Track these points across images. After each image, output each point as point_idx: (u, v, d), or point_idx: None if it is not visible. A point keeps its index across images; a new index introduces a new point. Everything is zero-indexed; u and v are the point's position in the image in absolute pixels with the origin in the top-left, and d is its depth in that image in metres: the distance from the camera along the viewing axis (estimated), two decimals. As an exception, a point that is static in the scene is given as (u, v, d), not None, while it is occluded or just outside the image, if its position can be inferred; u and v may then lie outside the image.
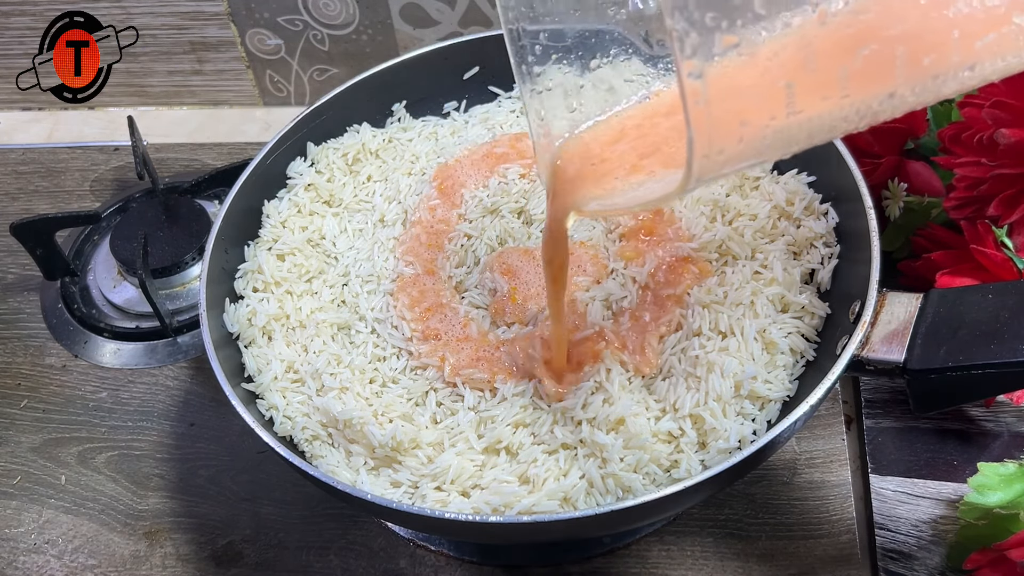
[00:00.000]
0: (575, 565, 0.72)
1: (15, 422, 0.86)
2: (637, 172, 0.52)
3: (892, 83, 0.44)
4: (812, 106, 0.43)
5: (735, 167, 0.45)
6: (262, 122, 1.15)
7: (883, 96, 0.45)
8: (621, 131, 0.55)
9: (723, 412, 0.61)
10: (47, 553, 0.77)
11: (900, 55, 0.43)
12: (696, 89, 0.39)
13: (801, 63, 0.42)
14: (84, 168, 1.09)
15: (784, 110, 0.42)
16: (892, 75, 0.44)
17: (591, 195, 0.54)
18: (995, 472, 0.66)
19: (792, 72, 0.42)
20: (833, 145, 0.70)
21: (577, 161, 0.55)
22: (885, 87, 0.44)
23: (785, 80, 0.42)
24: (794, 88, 0.42)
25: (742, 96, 0.42)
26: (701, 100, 0.39)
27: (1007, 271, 0.70)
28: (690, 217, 0.71)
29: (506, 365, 0.65)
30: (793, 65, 0.42)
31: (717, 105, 0.40)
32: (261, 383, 0.68)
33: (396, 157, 0.82)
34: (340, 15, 1.04)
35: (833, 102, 0.44)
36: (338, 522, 0.76)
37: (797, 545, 0.71)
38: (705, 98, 0.39)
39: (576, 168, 0.55)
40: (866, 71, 0.43)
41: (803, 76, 0.42)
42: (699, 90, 0.39)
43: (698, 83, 0.39)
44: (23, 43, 1.11)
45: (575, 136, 0.57)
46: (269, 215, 0.78)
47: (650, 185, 0.51)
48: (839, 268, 0.69)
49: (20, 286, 0.98)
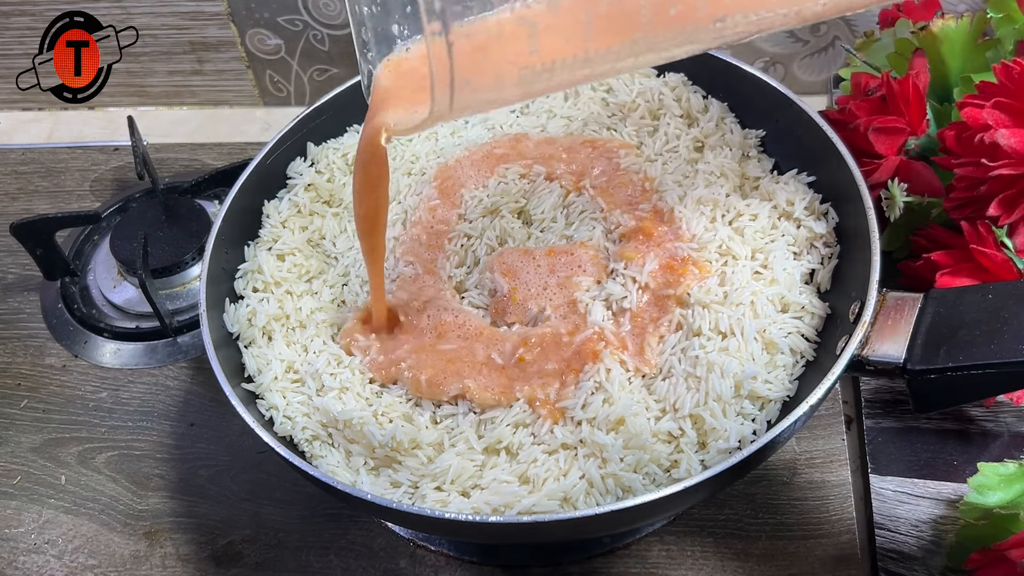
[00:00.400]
0: (575, 565, 0.72)
1: (15, 422, 0.86)
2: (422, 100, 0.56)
3: (638, 32, 0.49)
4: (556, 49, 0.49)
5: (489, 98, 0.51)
6: (262, 122, 1.15)
7: (628, 43, 0.49)
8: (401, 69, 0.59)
9: (723, 412, 0.61)
10: (47, 553, 0.77)
11: (645, 4, 0.47)
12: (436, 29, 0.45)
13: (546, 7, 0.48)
14: (84, 168, 1.09)
15: (527, 48, 0.48)
16: (637, 24, 0.48)
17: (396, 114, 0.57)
18: (995, 472, 0.66)
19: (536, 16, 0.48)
20: (833, 145, 0.70)
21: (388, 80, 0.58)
22: (629, 35, 0.49)
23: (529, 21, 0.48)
24: (537, 28, 0.48)
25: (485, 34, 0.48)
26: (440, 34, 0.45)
27: (1007, 271, 0.70)
28: (690, 217, 0.71)
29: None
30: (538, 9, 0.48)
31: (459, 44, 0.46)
32: (261, 383, 0.68)
33: (396, 157, 0.82)
34: (340, 15, 1.04)
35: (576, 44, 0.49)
36: (338, 522, 0.76)
37: (797, 545, 0.71)
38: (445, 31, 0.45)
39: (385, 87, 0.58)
40: (610, 16, 0.47)
41: (547, 19, 0.48)
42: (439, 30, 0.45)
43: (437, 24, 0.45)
44: (23, 43, 1.11)
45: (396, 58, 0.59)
46: (269, 215, 0.78)
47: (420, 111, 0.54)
48: (839, 268, 0.69)
49: (20, 286, 0.98)
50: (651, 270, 0.68)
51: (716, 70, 0.79)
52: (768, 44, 1.03)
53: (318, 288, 0.74)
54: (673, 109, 0.80)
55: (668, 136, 0.78)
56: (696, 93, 0.81)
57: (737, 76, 0.78)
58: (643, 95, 0.81)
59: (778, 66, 1.05)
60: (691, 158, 0.76)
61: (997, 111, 0.69)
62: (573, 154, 0.78)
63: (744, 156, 0.76)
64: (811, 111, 0.73)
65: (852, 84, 0.85)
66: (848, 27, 1.00)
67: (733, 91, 0.80)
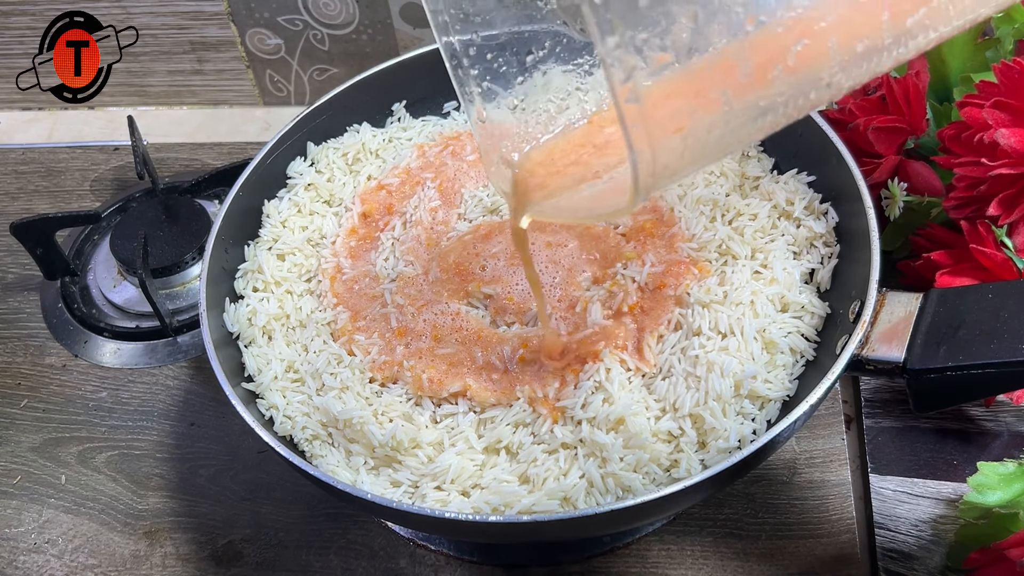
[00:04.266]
0: (575, 565, 0.72)
1: (15, 422, 0.86)
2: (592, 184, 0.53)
3: (828, 73, 0.44)
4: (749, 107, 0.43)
5: (683, 175, 0.44)
6: (262, 122, 1.15)
7: (821, 87, 0.45)
8: (579, 143, 0.56)
9: (723, 412, 0.61)
10: (47, 553, 0.77)
11: (832, 45, 0.43)
12: (633, 112, 0.38)
13: (733, 69, 0.42)
14: (84, 168, 1.09)
15: (723, 118, 0.42)
16: (827, 65, 0.44)
17: (549, 203, 0.54)
18: (995, 472, 0.66)
19: (726, 79, 0.42)
20: (833, 145, 0.70)
21: (540, 170, 0.55)
22: (821, 78, 0.44)
23: (720, 88, 0.42)
24: (730, 95, 0.42)
25: (681, 111, 0.41)
26: (639, 123, 0.39)
27: (1007, 271, 0.70)
28: (690, 217, 0.71)
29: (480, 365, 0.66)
30: (726, 72, 0.42)
31: (655, 124, 0.39)
32: (261, 383, 0.68)
33: (396, 157, 0.82)
34: (340, 15, 1.04)
35: (770, 101, 0.43)
36: (338, 522, 0.76)
37: (797, 545, 0.71)
38: (643, 119, 0.39)
39: (539, 178, 0.55)
40: (799, 67, 0.43)
41: (737, 81, 0.42)
42: (636, 112, 0.39)
43: (635, 106, 0.38)
44: (23, 43, 1.11)
45: (538, 146, 0.57)
46: (269, 215, 0.78)
47: (605, 198, 0.51)
48: (839, 268, 0.69)
49: (20, 286, 0.98)
50: (651, 270, 0.68)
51: (716, 70, 0.79)
52: (768, 44, 1.03)
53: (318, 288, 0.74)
54: (673, 109, 0.80)
55: (668, 136, 0.78)
56: (696, 93, 0.81)
57: (737, 76, 0.78)
58: (643, 95, 0.81)
59: (778, 66, 1.05)
60: (691, 158, 0.76)
61: (997, 111, 0.69)
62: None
63: (744, 156, 0.76)
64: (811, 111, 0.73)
65: (852, 84, 0.85)
66: (848, 27, 1.00)
67: (733, 91, 0.80)
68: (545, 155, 0.56)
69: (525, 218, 0.56)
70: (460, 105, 0.86)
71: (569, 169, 0.54)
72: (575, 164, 0.54)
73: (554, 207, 0.55)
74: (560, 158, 0.55)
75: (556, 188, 0.54)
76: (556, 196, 0.54)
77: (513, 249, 0.70)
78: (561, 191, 0.54)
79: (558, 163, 0.54)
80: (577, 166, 0.54)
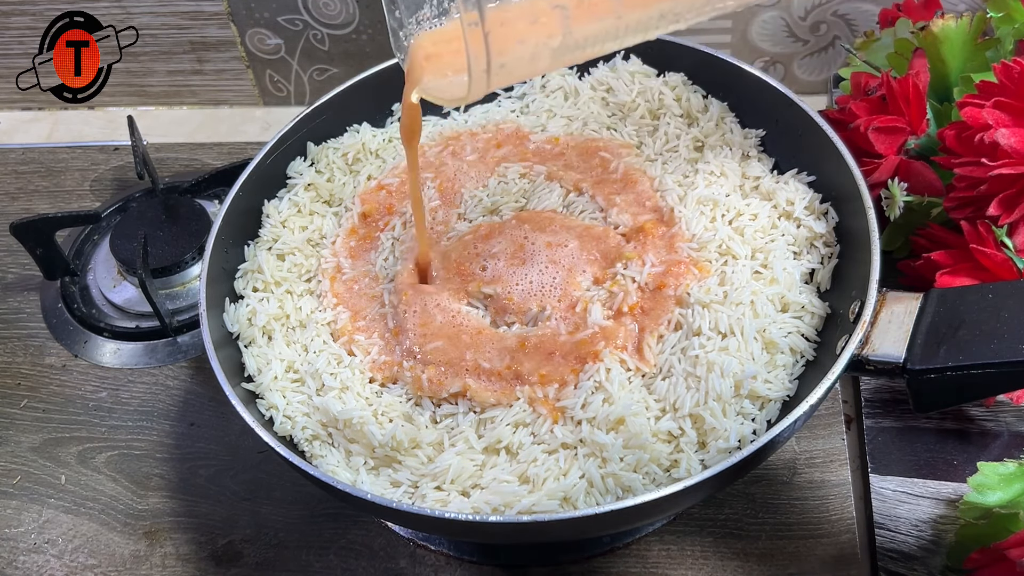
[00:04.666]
0: (575, 565, 0.72)
1: (15, 422, 0.86)
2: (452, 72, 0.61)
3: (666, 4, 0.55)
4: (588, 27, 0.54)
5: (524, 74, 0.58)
6: (262, 122, 1.15)
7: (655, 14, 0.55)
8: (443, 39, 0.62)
9: (723, 412, 0.61)
10: (47, 553, 0.77)
11: None
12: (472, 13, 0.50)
13: None
14: (84, 168, 1.09)
15: (560, 30, 0.53)
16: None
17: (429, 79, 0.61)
18: (995, 472, 0.66)
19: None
20: (833, 145, 0.70)
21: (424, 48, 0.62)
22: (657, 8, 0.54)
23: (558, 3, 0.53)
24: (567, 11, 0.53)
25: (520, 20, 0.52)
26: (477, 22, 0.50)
27: (1007, 271, 0.70)
28: (690, 217, 0.71)
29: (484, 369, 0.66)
30: None
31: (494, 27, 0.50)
32: (261, 383, 0.68)
33: (396, 157, 0.82)
34: (340, 15, 1.04)
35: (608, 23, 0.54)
36: (338, 522, 0.76)
37: (797, 545, 0.71)
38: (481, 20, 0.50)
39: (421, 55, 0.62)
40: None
41: None
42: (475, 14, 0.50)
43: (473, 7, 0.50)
44: (23, 43, 1.11)
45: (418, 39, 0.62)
46: (269, 215, 0.78)
47: (457, 85, 0.59)
48: (839, 268, 0.69)
49: (20, 286, 0.98)
50: (651, 270, 0.68)
51: (716, 70, 0.79)
52: (768, 44, 1.03)
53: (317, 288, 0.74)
54: (673, 109, 0.80)
55: (668, 136, 0.78)
56: (696, 93, 0.81)
57: (737, 76, 0.78)
58: (643, 95, 0.81)
59: (778, 66, 1.05)
60: (691, 158, 0.76)
61: (997, 111, 0.69)
62: (573, 154, 0.78)
63: (744, 156, 0.76)
64: (811, 111, 0.73)
65: (852, 84, 0.85)
66: (848, 27, 1.00)
67: (733, 91, 0.80)
68: (433, 41, 0.62)
69: (414, 93, 0.62)
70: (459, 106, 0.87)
71: (439, 58, 0.61)
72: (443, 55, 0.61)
73: (428, 87, 0.61)
74: (432, 48, 0.62)
75: (431, 73, 0.61)
76: (430, 79, 0.61)
77: (513, 249, 0.71)
78: (433, 76, 0.61)
79: (431, 52, 0.62)
80: (444, 57, 0.61)
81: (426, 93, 0.62)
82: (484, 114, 0.85)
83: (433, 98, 0.62)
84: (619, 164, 0.76)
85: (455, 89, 0.59)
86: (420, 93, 0.62)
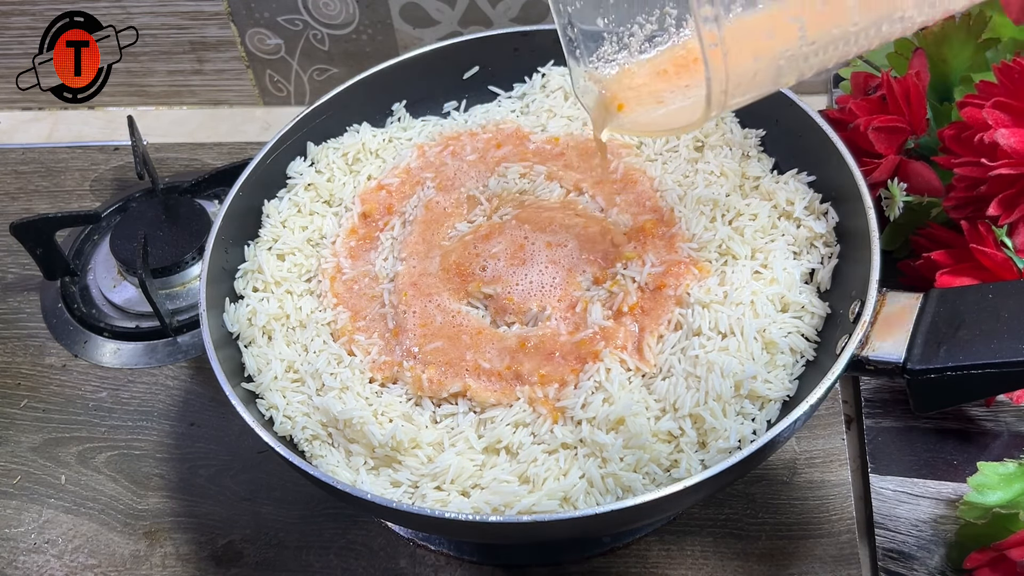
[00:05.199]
0: (575, 565, 0.72)
1: (15, 422, 0.86)
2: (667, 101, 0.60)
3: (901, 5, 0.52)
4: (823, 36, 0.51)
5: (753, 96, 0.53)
6: (262, 122, 1.15)
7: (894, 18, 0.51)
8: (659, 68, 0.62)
9: (723, 412, 0.61)
10: (47, 553, 0.77)
11: None
12: (712, 33, 0.47)
13: None
14: (84, 168, 1.09)
15: (797, 42, 0.50)
16: None
17: (628, 118, 0.62)
18: (995, 471, 0.66)
19: (800, 7, 0.49)
20: (833, 145, 0.70)
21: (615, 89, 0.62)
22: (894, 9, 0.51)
23: (793, 15, 0.49)
24: (804, 21, 0.50)
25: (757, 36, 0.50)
26: (717, 42, 0.47)
27: (1007, 271, 0.70)
28: (690, 217, 0.71)
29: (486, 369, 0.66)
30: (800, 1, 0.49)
31: (732, 46, 0.48)
32: (261, 383, 0.68)
33: (396, 157, 0.82)
34: (340, 15, 1.04)
35: (844, 29, 0.50)
36: (338, 522, 0.76)
37: (797, 545, 0.71)
38: (721, 40, 0.47)
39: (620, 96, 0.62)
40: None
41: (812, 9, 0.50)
42: (715, 34, 0.47)
43: (713, 27, 0.47)
44: (23, 43, 1.11)
45: (617, 74, 0.63)
46: (269, 215, 0.78)
47: (679, 115, 0.59)
48: (839, 268, 0.69)
49: (20, 286, 0.98)
50: (651, 270, 0.68)
51: (716, 70, 0.79)
52: (768, 44, 1.03)
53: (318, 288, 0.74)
54: (673, 109, 0.80)
55: (668, 136, 0.78)
56: (696, 93, 0.81)
57: (737, 76, 0.78)
58: (643, 95, 0.81)
59: (778, 66, 1.05)
60: (691, 158, 0.76)
61: (997, 111, 0.69)
62: (573, 154, 0.78)
63: (744, 156, 0.76)
64: (811, 111, 0.73)
65: (852, 84, 0.85)
66: (848, 27, 1.00)
67: (733, 91, 0.80)
68: (627, 76, 0.62)
69: (606, 132, 0.64)
70: (459, 106, 0.87)
71: (647, 89, 0.61)
72: (654, 85, 0.61)
73: (632, 122, 0.61)
74: (640, 80, 0.61)
75: (635, 106, 0.61)
76: (634, 113, 0.61)
77: (513, 249, 0.71)
78: (639, 109, 0.61)
79: (637, 84, 0.61)
80: (654, 87, 0.60)
81: (624, 128, 0.63)
82: (484, 114, 0.85)
83: (638, 132, 0.62)
84: (619, 164, 0.76)
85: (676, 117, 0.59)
86: (616, 130, 0.63)
